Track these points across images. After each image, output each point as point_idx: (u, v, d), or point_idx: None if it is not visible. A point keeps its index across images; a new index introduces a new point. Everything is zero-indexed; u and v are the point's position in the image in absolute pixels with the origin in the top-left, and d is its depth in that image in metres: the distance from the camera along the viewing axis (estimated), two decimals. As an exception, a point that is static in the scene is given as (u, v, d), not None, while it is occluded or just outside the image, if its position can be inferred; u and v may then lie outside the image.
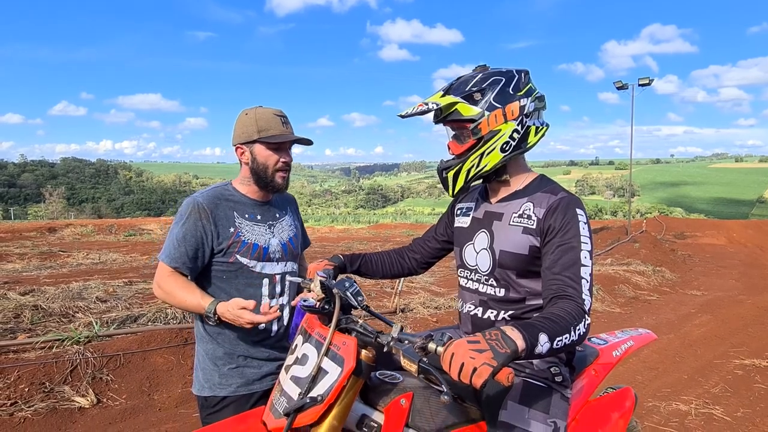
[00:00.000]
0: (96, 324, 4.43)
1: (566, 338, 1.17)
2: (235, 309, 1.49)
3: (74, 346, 3.91)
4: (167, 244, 1.66)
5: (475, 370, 0.98)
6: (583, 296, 1.28)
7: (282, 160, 1.72)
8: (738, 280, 9.84)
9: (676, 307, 7.21)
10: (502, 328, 1.09)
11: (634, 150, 19.46)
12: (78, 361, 3.67)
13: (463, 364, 1.00)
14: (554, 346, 1.14)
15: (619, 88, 19.45)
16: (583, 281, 1.30)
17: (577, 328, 1.20)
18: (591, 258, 1.36)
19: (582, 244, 1.35)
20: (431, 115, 1.48)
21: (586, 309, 1.26)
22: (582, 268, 1.32)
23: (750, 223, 22.90)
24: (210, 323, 1.58)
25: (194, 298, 1.59)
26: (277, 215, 1.82)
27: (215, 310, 1.54)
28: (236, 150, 1.74)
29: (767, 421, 3.43)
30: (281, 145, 1.72)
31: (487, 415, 1.47)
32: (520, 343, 1.07)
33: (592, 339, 2.01)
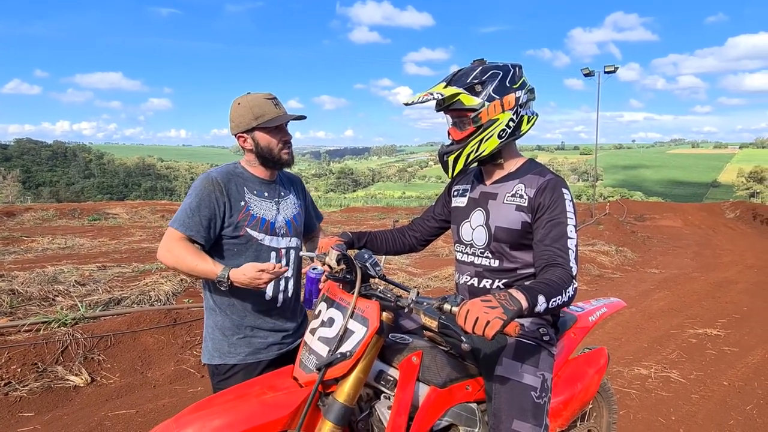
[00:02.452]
0: (82, 306, 4.44)
1: (559, 299, 1.37)
2: (253, 272, 1.58)
3: (62, 327, 3.93)
4: (180, 213, 1.72)
5: (488, 323, 1.16)
6: (571, 264, 1.48)
7: (283, 139, 1.83)
8: (692, 259, 10.52)
9: (637, 284, 7.71)
10: (509, 290, 1.28)
11: (599, 135, 20.17)
12: (68, 342, 3.70)
13: (477, 318, 1.18)
14: (550, 305, 1.33)
15: (586, 75, 20.03)
16: (570, 251, 1.50)
17: (567, 291, 1.40)
18: (576, 231, 1.56)
19: (568, 219, 1.55)
20: (411, 100, 1.62)
21: (574, 275, 1.47)
22: (569, 240, 1.52)
23: (704, 206, 24.22)
24: (222, 288, 1.64)
25: (206, 264, 1.65)
26: (282, 193, 1.93)
27: (228, 275, 1.61)
28: (238, 139, 1.83)
29: (716, 382, 3.82)
30: (279, 126, 1.82)
31: (484, 371, 1.67)
32: (524, 303, 1.26)
33: (570, 306, 2.23)
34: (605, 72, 19.91)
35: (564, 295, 1.39)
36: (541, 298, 1.31)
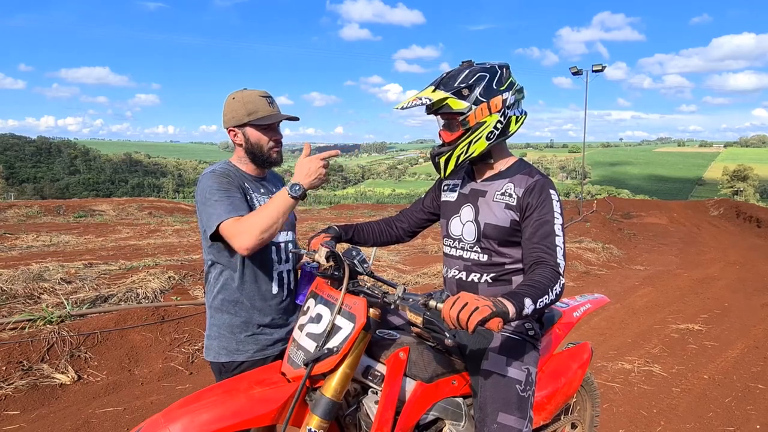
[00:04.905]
0: (68, 304, 4.40)
1: (546, 299, 1.40)
2: (312, 167, 1.58)
3: (47, 325, 3.89)
4: (219, 206, 1.62)
5: (476, 308, 1.19)
6: (558, 260, 1.51)
7: (273, 138, 1.83)
8: (677, 256, 10.70)
9: (622, 280, 7.83)
10: (498, 298, 1.31)
11: (587, 133, 20.39)
12: (54, 339, 3.67)
13: (466, 304, 1.21)
14: (537, 306, 1.37)
15: (574, 74, 20.21)
16: (557, 248, 1.54)
17: (554, 289, 1.44)
18: (563, 230, 1.60)
19: (555, 218, 1.59)
20: (401, 97, 1.66)
21: (561, 272, 1.50)
22: (556, 238, 1.55)
23: (689, 204, 24.59)
24: (297, 196, 1.58)
25: (275, 200, 1.58)
26: (273, 190, 1.94)
27: (299, 184, 1.57)
28: (228, 132, 1.83)
29: (697, 376, 3.91)
30: (271, 125, 1.82)
31: (470, 366, 1.71)
32: (511, 309, 1.29)
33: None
34: (593, 71, 20.12)
35: (551, 293, 1.42)
36: (528, 301, 1.34)
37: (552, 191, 1.63)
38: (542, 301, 1.39)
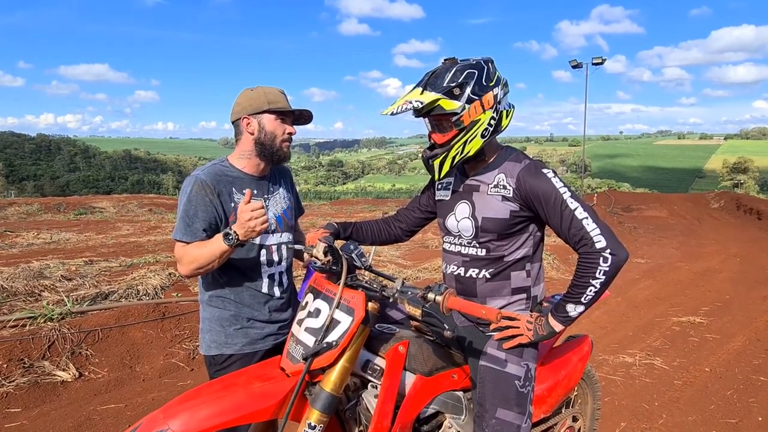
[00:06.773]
0: (68, 301, 4.40)
1: (591, 291, 1.50)
2: (243, 219, 1.56)
3: (48, 323, 3.90)
4: (180, 223, 1.71)
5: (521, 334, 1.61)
6: (592, 236, 1.47)
7: (288, 130, 1.82)
8: (677, 248, 10.68)
9: (623, 273, 7.78)
10: (548, 316, 1.59)
11: (587, 127, 20.33)
12: (55, 337, 3.67)
13: (518, 328, 1.60)
14: (585, 301, 1.52)
15: (574, 67, 20.14)
16: (584, 222, 1.50)
17: (597, 273, 1.47)
18: (576, 198, 1.55)
19: (562, 194, 1.54)
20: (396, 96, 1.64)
21: (600, 248, 1.46)
22: (574, 215, 1.51)
23: (689, 197, 24.51)
24: (229, 244, 1.60)
25: (213, 241, 1.63)
26: (271, 189, 1.90)
27: (231, 228, 1.60)
28: (242, 121, 1.79)
29: (698, 368, 3.91)
30: (287, 118, 1.82)
31: (469, 360, 1.70)
32: (558, 327, 1.57)
33: (555, 296, 2.27)
34: (593, 64, 20.04)
35: (594, 280, 1.48)
36: (570, 307, 1.53)
37: (544, 170, 1.60)
38: (587, 295, 1.50)
